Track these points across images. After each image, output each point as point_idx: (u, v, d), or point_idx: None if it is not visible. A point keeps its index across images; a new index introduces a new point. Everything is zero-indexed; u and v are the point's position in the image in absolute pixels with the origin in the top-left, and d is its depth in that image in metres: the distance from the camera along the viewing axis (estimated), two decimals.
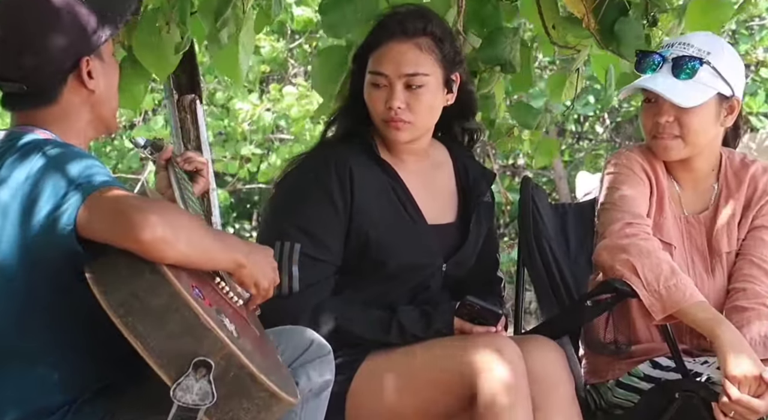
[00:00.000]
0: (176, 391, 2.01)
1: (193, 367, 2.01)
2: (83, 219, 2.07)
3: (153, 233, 2.03)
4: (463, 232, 2.97)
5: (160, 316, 2.03)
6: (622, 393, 2.94)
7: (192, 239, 2.11)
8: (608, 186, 2.98)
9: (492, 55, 3.34)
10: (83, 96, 2.29)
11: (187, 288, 2.07)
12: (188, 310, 2.04)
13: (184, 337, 2.03)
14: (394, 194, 2.86)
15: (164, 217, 2.06)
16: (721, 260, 2.99)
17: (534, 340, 2.83)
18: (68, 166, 2.15)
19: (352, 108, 2.92)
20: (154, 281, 2.05)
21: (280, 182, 2.93)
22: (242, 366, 2.04)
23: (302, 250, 2.77)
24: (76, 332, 2.20)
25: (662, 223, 2.97)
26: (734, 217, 3.00)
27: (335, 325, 2.77)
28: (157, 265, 2.07)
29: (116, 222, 2.06)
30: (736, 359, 2.67)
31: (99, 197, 2.08)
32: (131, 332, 2.02)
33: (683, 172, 3.00)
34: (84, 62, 2.27)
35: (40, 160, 2.17)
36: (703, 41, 2.93)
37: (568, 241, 3.32)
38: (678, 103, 2.86)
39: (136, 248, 2.05)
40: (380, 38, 2.84)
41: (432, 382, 2.70)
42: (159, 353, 2.02)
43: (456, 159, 3.03)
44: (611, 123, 9.79)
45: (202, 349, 2.02)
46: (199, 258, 2.15)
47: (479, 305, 2.79)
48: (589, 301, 2.95)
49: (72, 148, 2.22)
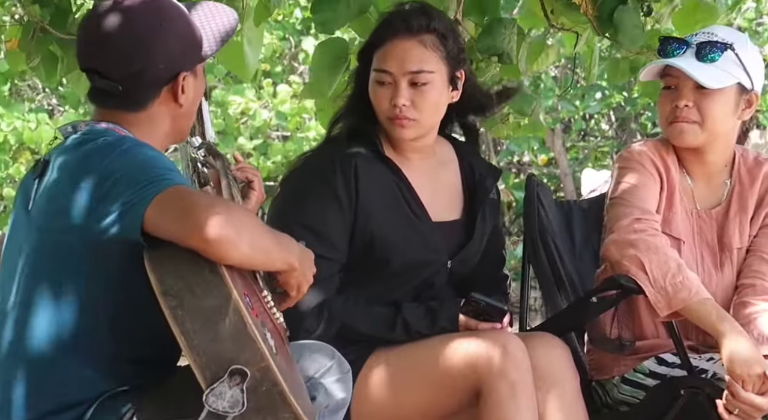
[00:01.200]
0: (209, 396, 2.02)
1: (229, 374, 2.02)
2: (151, 215, 2.08)
3: (219, 233, 2.04)
4: (468, 230, 2.97)
5: (209, 316, 2.04)
6: (628, 389, 2.95)
7: (254, 239, 2.12)
8: (618, 181, 2.98)
9: (490, 45, 3.34)
10: (171, 108, 2.32)
11: (240, 295, 2.08)
12: (238, 317, 2.04)
13: (227, 342, 2.03)
14: (398, 192, 2.86)
15: (230, 216, 2.07)
16: (731, 256, 2.99)
17: (539, 337, 2.83)
18: (143, 164, 2.16)
19: (356, 106, 2.92)
20: (211, 281, 2.06)
21: (285, 180, 2.94)
22: (276, 383, 2.05)
23: (307, 247, 2.77)
24: (113, 329, 2.21)
25: (672, 219, 2.97)
26: (746, 213, 3.01)
27: (340, 322, 2.77)
28: (216, 266, 2.07)
29: (183, 220, 2.07)
30: (740, 357, 2.66)
31: (168, 195, 2.09)
32: (179, 326, 2.03)
33: (697, 165, 3.00)
34: (182, 77, 2.29)
35: (117, 155, 2.18)
36: (727, 33, 2.95)
37: (573, 237, 3.32)
38: (701, 81, 2.86)
39: (202, 247, 2.06)
40: (385, 35, 2.84)
41: (437, 378, 2.70)
42: (200, 352, 2.03)
43: (462, 156, 3.03)
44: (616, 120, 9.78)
45: (241, 358, 2.03)
46: (259, 259, 2.17)
47: (484, 302, 2.79)
48: (594, 298, 2.95)
49: (149, 148, 2.24)
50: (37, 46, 3.52)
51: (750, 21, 8.60)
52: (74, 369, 2.20)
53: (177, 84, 2.29)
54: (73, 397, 2.21)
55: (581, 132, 9.89)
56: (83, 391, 2.21)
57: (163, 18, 2.26)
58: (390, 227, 2.83)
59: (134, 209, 2.09)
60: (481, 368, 2.64)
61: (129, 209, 2.10)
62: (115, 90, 2.25)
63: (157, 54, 2.25)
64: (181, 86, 2.30)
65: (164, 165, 2.18)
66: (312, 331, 2.70)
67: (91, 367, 2.21)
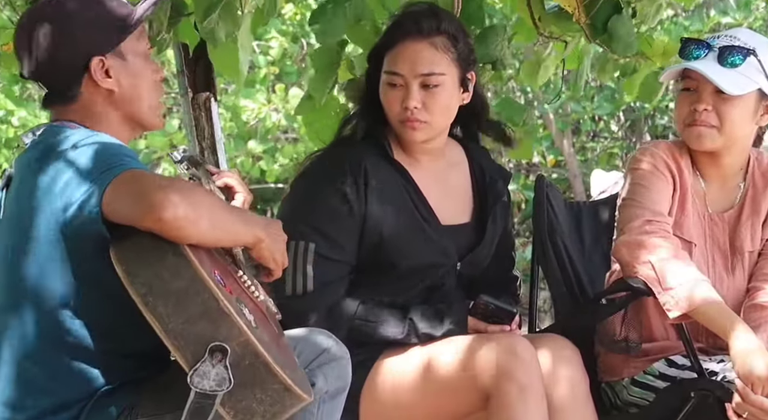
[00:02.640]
0: (193, 377, 2.03)
1: (209, 352, 2.02)
2: (108, 200, 2.09)
3: (175, 212, 2.05)
4: (478, 232, 2.96)
5: (180, 298, 2.04)
6: (638, 391, 2.94)
7: (213, 217, 2.12)
8: (631, 182, 2.97)
9: (485, 53, 3.34)
10: (103, 95, 2.33)
11: (209, 273, 2.08)
12: (208, 294, 2.05)
13: (202, 320, 2.04)
14: (407, 195, 2.86)
15: (185, 195, 2.08)
16: (742, 259, 2.98)
17: (548, 339, 2.83)
18: (98, 153, 2.18)
19: (366, 108, 2.92)
20: (176, 263, 2.06)
21: (295, 181, 2.94)
22: (258, 354, 2.04)
23: (317, 250, 2.77)
24: (101, 325, 2.22)
25: (683, 222, 2.96)
26: (759, 217, 3.00)
27: (349, 324, 2.77)
28: (180, 247, 2.08)
29: (138, 201, 2.07)
30: (750, 360, 2.65)
31: (123, 178, 2.10)
32: (151, 313, 2.04)
33: (711, 167, 2.99)
34: (96, 62, 2.30)
35: (71, 148, 2.20)
36: (749, 36, 2.92)
37: (583, 239, 3.32)
38: (722, 87, 2.84)
39: (158, 228, 2.06)
40: (395, 38, 2.84)
41: (446, 381, 2.70)
42: (177, 335, 2.03)
43: (472, 158, 3.02)
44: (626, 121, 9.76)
45: (219, 334, 2.03)
46: (221, 235, 2.17)
47: (493, 304, 2.79)
48: (604, 300, 2.94)
49: (102, 137, 2.26)
50: None
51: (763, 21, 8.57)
52: (66, 367, 2.21)
53: (92, 70, 2.30)
54: (67, 394, 2.21)
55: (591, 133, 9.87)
56: (77, 389, 2.21)
57: (62, 9, 2.30)
58: (399, 230, 2.82)
59: (92, 198, 2.11)
60: (490, 370, 2.63)
61: (87, 199, 2.11)
62: (44, 88, 2.32)
63: (60, 42, 2.28)
64: (103, 71, 2.31)
65: (121, 151, 2.20)
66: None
67: (83, 365, 2.21)
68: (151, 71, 2.40)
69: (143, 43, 2.39)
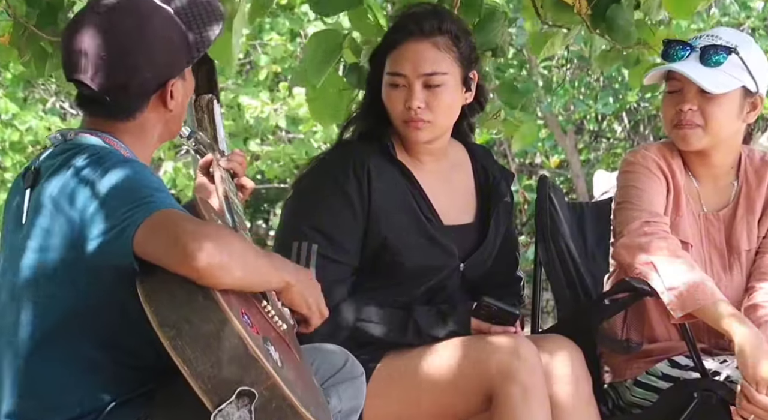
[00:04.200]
0: (216, 417, 2.02)
1: (236, 396, 2.01)
2: (140, 240, 2.06)
3: (209, 262, 2.03)
4: (481, 233, 2.96)
5: (209, 342, 2.03)
6: (641, 392, 2.94)
7: (246, 263, 2.10)
8: (625, 184, 2.97)
9: (485, 40, 3.34)
10: (161, 113, 2.31)
11: (237, 315, 2.07)
12: (237, 339, 2.03)
13: (230, 365, 2.02)
14: (410, 196, 2.86)
15: (219, 243, 2.05)
16: (739, 258, 2.98)
17: (551, 339, 2.82)
18: (129, 185, 2.14)
19: (369, 108, 2.91)
20: (206, 306, 2.05)
21: (298, 182, 2.93)
22: (285, 398, 2.04)
23: (319, 251, 2.76)
24: (112, 337, 2.21)
25: (679, 222, 2.96)
26: (754, 214, 2.99)
27: (352, 326, 2.77)
28: (209, 291, 2.06)
29: (172, 249, 2.05)
30: (755, 360, 2.65)
31: (156, 220, 2.07)
32: (179, 355, 2.02)
33: (702, 167, 2.99)
34: (170, 84, 2.28)
35: (102, 173, 2.16)
36: (731, 35, 2.93)
37: (586, 239, 3.32)
38: (705, 87, 2.85)
39: (194, 276, 2.04)
40: (397, 38, 2.84)
41: (449, 382, 2.70)
42: (204, 379, 2.02)
43: (475, 158, 3.03)
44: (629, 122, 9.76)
45: (247, 379, 2.02)
46: (252, 281, 2.14)
47: (496, 306, 2.79)
48: (606, 300, 2.94)
49: (138, 165, 2.22)
50: (28, 43, 3.51)
51: (762, 20, 8.58)
52: (77, 379, 2.19)
53: (165, 91, 2.28)
54: (78, 407, 2.19)
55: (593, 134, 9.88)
56: (88, 402, 2.20)
57: (145, 26, 2.23)
58: (402, 231, 2.82)
59: (123, 234, 2.08)
60: (493, 372, 2.63)
61: (118, 235, 2.08)
62: (102, 99, 2.24)
63: (141, 65, 2.22)
64: (170, 92, 2.28)
65: (151, 185, 2.16)
66: (323, 333, 2.69)
67: (94, 377, 2.20)
68: (192, 88, 2.38)
69: None
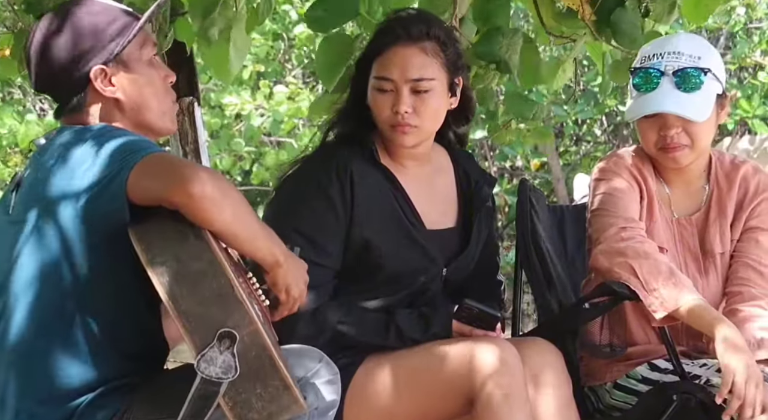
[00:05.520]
0: (200, 362, 2.03)
1: (218, 338, 2.02)
2: (134, 178, 2.09)
3: (203, 189, 2.05)
4: (463, 237, 2.96)
5: (196, 280, 2.05)
6: (620, 395, 2.95)
7: (238, 212, 2.13)
8: (599, 192, 2.98)
9: (486, 52, 3.34)
10: (108, 104, 2.34)
11: (227, 262, 2.08)
12: (224, 279, 2.05)
13: (215, 305, 2.04)
14: (393, 200, 2.86)
15: (214, 176, 2.09)
16: (714, 262, 2.99)
17: (532, 342, 2.83)
18: (123, 142, 2.18)
19: (352, 112, 2.91)
20: (196, 246, 2.07)
21: (280, 185, 2.93)
22: (265, 347, 2.05)
23: (301, 254, 2.77)
24: (103, 321, 2.22)
25: (652, 228, 2.97)
26: (726, 218, 3.01)
27: (334, 328, 2.77)
28: (201, 231, 2.09)
29: (167, 175, 2.08)
30: (736, 356, 2.63)
31: (151, 158, 2.12)
32: (166, 292, 2.04)
33: (675, 174, 3.00)
34: (96, 71, 2.31)
35: (93, 137, 2.22)
36: (688, 46, 2.90)
37: (565, 242, 3.33)
38: (692, 118, 2.85)
39: (185, 202, 2.06)
40: (385, 43, 2.83)
41: (430, 385, 2.70)
42: (189, 317, 2.03)
43: (457, 163, 3.03)
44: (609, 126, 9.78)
45: (230, 321, 2.04)
46: (243, 234, 2.16)
47: (477, 308, 2.79)
48: (586, 304, 2.95)
49: (125, 131, 2.28)
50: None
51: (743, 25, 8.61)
52: (65, 364, 2.21)
53: (94, 80, 2.32)
54: (63, 394, 2.21)
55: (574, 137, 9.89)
56: (73, 387, 2.21)
57: (63, 20, 2.32)
58: (385, 235, 2.82)
59: (118, 176, 2.11)
60: (474, 374, 2.64)
61: (113, 177, 2.12)
62: (48, 98, 2.33)
63: (56, 57, 2.30)
64: (106, 80, 2.32)
65: (144, 140, 2.22)
66: (304, 336, 2.70)
67: (82, 362, 2.21)
68: (158, 77, 2.40)
69: (148, 50, 2.39)
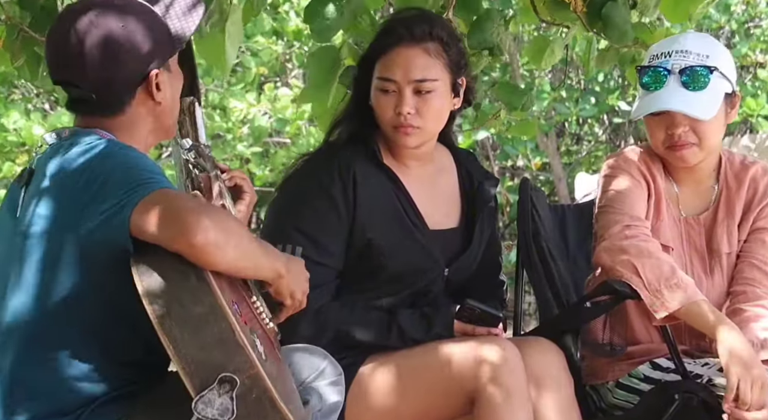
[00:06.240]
0: (198, 403, 2.01)
1: (218, 382, 2.01)
2: (138, 217, 2.07)
3: (206, 237, 2.03)
4: (466, 237, 2.96)
5: (197, 324, 2.03)
6: (622, 394, 2.95)
7: (240, 245, 2.11)
8: (605, 189, 2.97)
9: (481, 39, 3.34)
10: (149, 107, 2.32)
11: (228, 302, 2.07)
12: (226, 324, 2.03)
13: (216, 349, 2.02)
14: (396, 200, 2.86)
15: (216, 221, 2.06)
16: (720, 261, 2.99)
17: (533, 342, 2.83)
18: (128, 167, 2.16)
19: (355, 112, 2.91)
20: (198, 288, 2.05)
21: (283, 184, 2.93)
22: (266, 390, 2.04)
23: (303, 254, 2.76)
24: (101, 329, 2.21)
25: (659, 227, 2.97)
26: (734, 218, 3.00)
27: (336, 328, 2.77)
28: (203, 273, 2.06)
29: (170, 223, 2.05)
30: (738, 357, 2.63)
31: (155, 197, 2.08)
32: (167, 335, 2.02)
33: (685, 172, 3.00)
34: (153, 75, 2.29)
35: (101, 158, 2.18)
36: (697, 45, 2.90)
37: (567, 242, 3.33)
38: (698, 117, 2.84)
39: (188, 252, 2.05)
40: (388, 43, 2.83)
41: (432, 384, 2.70)
42: (188, 361, 2.02)
43: (460, 163, 3.03)
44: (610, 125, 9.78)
45: (231, 365, 2.02)
46: (245, 265, 2.15)
47: (479, 308, 2.79)
48: (588, 303, 2.94)
49: (134, 151, 2.24)
50: (22, 47, 3.50)
51: (741, 24, 8.61)
52: (65, 372, 2.19)
53: (150, 83, 2.29)
54: (64, 401, 2.19)
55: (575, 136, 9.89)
56: (75, 397, 2.20)
57: (125, 19, 2.26)
58: (387, 235, 2.82)
59: (121, 212, 2.09)
60: (475, 374, 2.64)
61: (116, 212, 2.09)
62: (89, 98, 2.26)
63: (123, 58, 2.25)
64: (155, 84, 2.30)
65: (150, 168, 2.18)
66: (307, 336, 2.70)
67: (81, 370, 2.20)
68: (181, 81, 2.40)
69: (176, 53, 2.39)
